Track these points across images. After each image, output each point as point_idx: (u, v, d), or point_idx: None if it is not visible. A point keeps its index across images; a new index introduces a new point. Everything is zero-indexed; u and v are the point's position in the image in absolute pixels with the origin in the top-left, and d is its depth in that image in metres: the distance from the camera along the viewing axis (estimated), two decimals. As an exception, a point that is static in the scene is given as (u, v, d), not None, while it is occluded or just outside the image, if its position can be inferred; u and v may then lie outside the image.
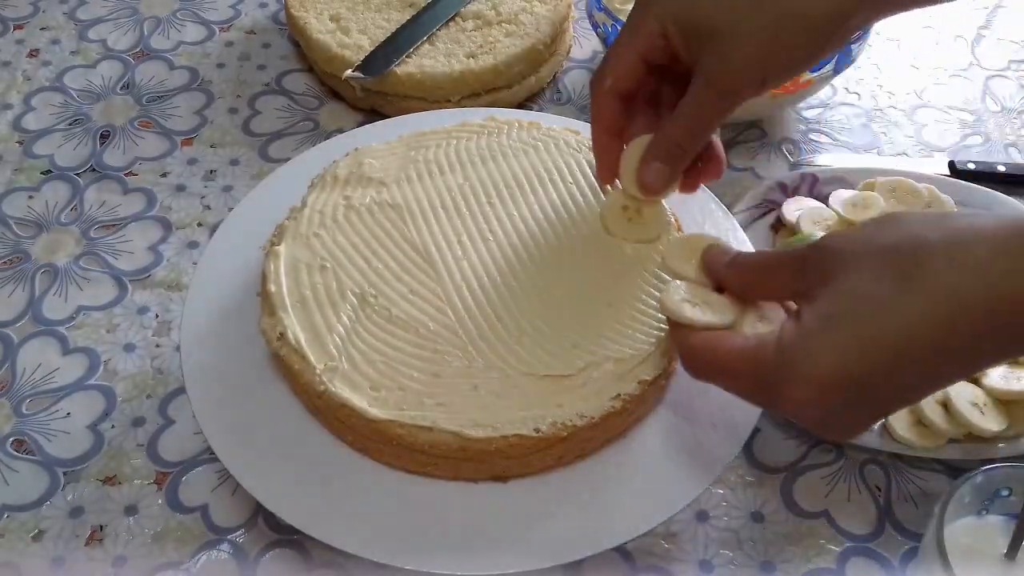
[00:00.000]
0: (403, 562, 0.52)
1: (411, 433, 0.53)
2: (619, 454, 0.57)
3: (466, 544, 0.53)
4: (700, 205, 0.68)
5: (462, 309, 0.57)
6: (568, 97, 0.89)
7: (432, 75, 0.82)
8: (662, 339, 0.56)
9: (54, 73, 0.91)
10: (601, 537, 0.53)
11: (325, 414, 0.56)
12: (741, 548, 0.60)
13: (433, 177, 0.65)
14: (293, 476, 0.55)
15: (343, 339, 0.56)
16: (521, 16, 0.86)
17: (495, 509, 0.54)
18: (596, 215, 0.62)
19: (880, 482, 0.63)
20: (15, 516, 0.61)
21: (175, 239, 0.77)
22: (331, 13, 0.88)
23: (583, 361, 0.55)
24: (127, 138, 0.85)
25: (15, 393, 0.67)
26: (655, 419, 0.58)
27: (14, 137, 0.85)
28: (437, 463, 0.54)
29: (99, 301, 0.73)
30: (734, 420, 0.57)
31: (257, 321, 0.58)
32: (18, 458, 0.64)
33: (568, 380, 0.54)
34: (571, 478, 0.56)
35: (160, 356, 0.69)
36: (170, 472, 0.63)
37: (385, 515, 0.54)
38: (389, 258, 0.60)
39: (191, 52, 0.93)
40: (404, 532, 0.53)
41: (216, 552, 0.59)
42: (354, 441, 0.56)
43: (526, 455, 0.54)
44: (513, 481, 0.55)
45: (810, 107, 0.88)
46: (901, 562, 0.59)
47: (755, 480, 0.63)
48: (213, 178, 0.82)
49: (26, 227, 0.78)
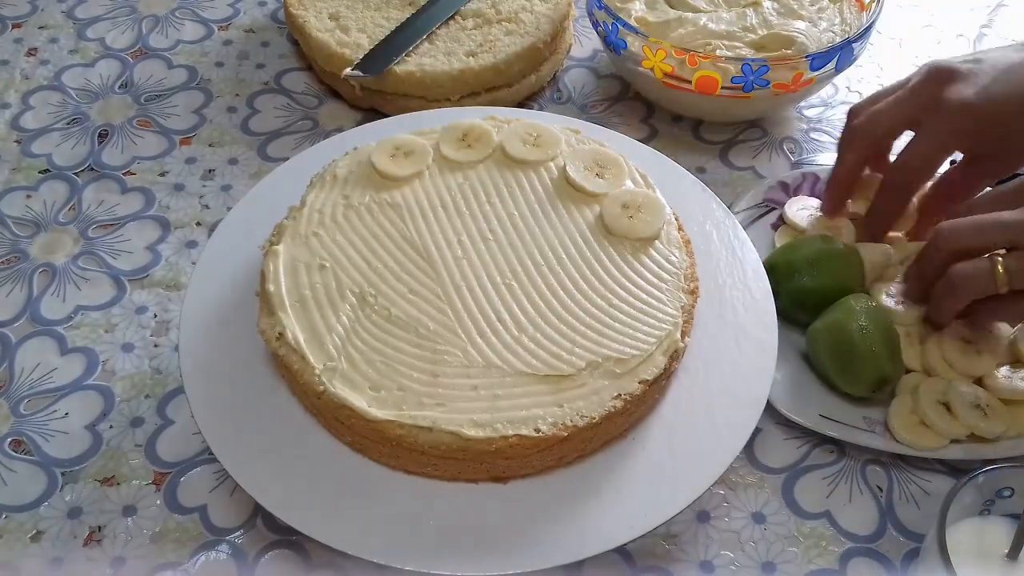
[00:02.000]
0: (402, 563, 0.52)
1: (411, 433, 0.52)
2: (619, 454, 0.56)
3: (466, 545, 0.53)
4: (701, 204, 0.68)
5: (462, 309, 0.57)
6: (568, 96, 0.89)
7: (432, 74, 0.81)
8: (663, 338, 0.56)
9: (52, 72, 0.91)
10: (601, 538, 0.53)
11: (324, 414, 0.56)
12: (742, 549, 0.60)
13: (433, 177, 0.65)
14: (292, 477, 0.55)
15: (342, 339, 0.56)
16: (521, 15, 0.86)
17: (495, 509, 0.54)
18: (596, 215, 0.62)
19: (882, 482, 0.63)
20: (13, 517, 0.61)
21: (174, 238, 0.77)
22: (330, 11, 0.87)
23: (583, 361, 0.55)
24: (125, 137, 0.85)
25: (13, 393, 0.67)
26: (655, 419, 0.58)
27: (12, 136, 0.85)
28: (437, 463, 0.54)
29: (97, 301, 0.73)
30: (735, 420, 0.57)
31: (256, 321, 0.58)
32: (16, 458, 0.64)
33: (568, 380, 0.54)
34: (571, 478, 0.55)
35: (158, 356, 0.69)
36: (168, 473, 0.63)
37: (384, 516, 0.54)
38: (389, 258, 0.60)
39: (190, 51, 0.93)
40: (403, 533, 0.53)
41: (215, 553, 0.59)
42: (353, 441, 0.56)
43: (526, 455, 0.53)
44: (513, 482, 0.55)
45: (811, 106, 0.88)
46: (903, 563, 0.59)
47: (756, 480, 0.63)
48: (212, 177, 0.81)
49: (24, 226, 0.78)
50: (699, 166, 0.82)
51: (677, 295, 0.59)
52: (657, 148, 0.73)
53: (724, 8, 0.84)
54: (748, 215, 0.75)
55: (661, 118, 0.86)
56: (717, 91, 0.78)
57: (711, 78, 0.77)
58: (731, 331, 0.61)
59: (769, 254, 0.70)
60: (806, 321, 0.66)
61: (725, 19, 0.82)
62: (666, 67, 0.78)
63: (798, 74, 0.77)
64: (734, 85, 0.77)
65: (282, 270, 0.59)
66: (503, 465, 0.54)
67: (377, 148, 0.65)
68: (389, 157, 0.64)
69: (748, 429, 0.56)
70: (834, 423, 0.62)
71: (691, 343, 0.59)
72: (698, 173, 0.76)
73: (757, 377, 0.59)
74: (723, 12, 0.84)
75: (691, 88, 0.78)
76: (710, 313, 0.61)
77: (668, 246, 0.61)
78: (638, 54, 0.79)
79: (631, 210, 0.61)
